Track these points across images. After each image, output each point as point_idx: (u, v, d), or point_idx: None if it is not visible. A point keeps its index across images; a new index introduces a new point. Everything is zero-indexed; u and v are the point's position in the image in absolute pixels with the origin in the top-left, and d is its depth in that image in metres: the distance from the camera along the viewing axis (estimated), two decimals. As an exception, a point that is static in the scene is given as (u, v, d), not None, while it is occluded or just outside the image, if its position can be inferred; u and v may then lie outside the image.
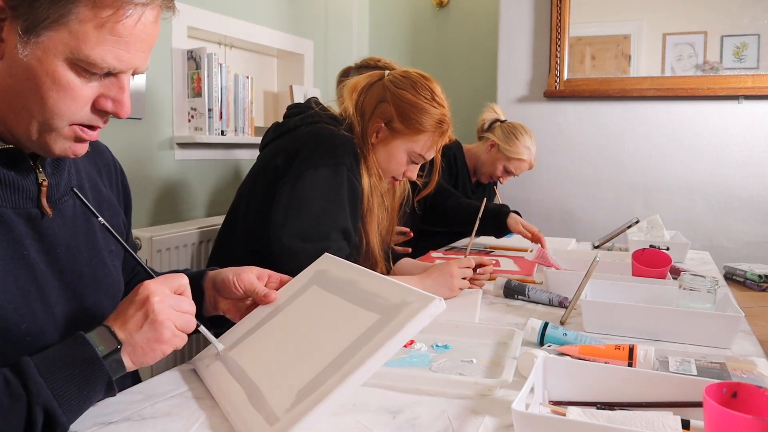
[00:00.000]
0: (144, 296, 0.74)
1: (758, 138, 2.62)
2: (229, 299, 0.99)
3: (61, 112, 0.72)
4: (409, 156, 1.42)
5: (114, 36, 0.70)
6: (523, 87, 2.93)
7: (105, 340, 0.71)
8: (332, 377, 0.69)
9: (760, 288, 1.71)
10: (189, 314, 0.77)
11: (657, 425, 0.69)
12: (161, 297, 0.74)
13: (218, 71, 2.26)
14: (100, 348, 0.70)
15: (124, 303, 0.75)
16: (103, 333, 0.72)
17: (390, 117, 1.38)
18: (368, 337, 0.72)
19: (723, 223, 2.69)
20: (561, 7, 2.77)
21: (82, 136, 0.75)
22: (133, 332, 0.72)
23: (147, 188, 2.12)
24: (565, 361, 0.82)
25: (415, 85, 1.39)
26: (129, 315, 0.73)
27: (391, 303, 0.76)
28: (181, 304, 0.76)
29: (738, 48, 2.61)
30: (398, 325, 0.71)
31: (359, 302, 0.80)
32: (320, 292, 0.90)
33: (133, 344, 0.72)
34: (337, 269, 0.94)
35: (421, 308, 0.71)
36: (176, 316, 0.75)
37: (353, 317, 0.78)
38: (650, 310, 1.10)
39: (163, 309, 0.73)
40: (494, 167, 2.35)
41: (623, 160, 2.82)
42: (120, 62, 0.72)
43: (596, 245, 2.09)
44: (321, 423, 0.74)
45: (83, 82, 0.71)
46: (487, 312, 1.27)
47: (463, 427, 0.74)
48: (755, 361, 0.91)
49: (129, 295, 0.76)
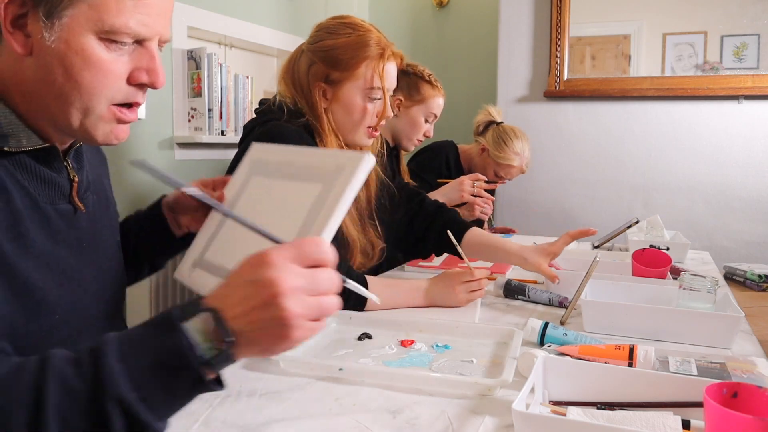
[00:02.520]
0: (268, 279, 0.56)
1: (758, 138, 2.62)
2: (187, 214, 1.02)
3: (97, 91, 0.71)
4: (364, 96, 1.34)
5: (133, 1, 0.70)
6: (523, 87, 2.93)
7: (211, 334, 0.55)
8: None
9: (760, 288, 1.71)
10: (328, 294, 0.60)
11: (657, 425, 0.69)
12: (293, 283, 0.56)
13: (218, 71, 2.26)
14: (203, 346, 0.55)
15: (239, 280, 0.58)
16: (208, 322, 0.56)
17: (324, 73, 1.34)
18: (319, 206, 0.77)
19: (723, 223, 2.69)
20: (561, 7, 2.77)
21: (121, 117, 0.75)
22: (254, 327, 0.56)
23: (147, 188, 2.12)
24: (565, 361, 0.82)
25: (331, 29, 1.35)
26: (248, 301, 0.56)
27: (328, 170, 0.81)
28: (317, 285, 0.59)
29: (738, 48, 2.61)
30: (340, 189, 0.76)
31: (299, 177, 0.85)
32: (263, 180, 0.93)
33: (250, 340, 0.57)
34: (270, 154, 0.98)
35: (356, 167, 0.77)
36: (311, 309, 0.58)
37: (299, 192, 0.83)
38: (650, 310, 1.10)
39: (295, 302, 0.56)
40: (485, 171, 2.34)
41: (623, 160, 2.82)
42: (144, 27, 0.71)
43: (596, 245, 2.09)
44: (321, 422, 0.74)
45: (114, 55, 0.71)
46: (487, 312, 1.27)
47: (463, 427, 0.74)
48: (755, 361, 0.91)
49: (247, 265, 0.59)
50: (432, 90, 1.99)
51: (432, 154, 2.30)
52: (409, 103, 1.98)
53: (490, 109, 2.44)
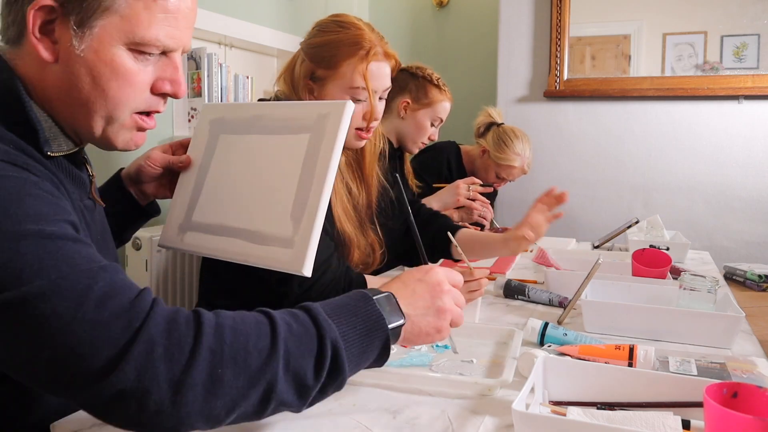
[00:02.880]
0: (435, 281, 0.75)
1: (758, 138, 2.62)
2: (152, 182, 1.04)
3: (123, 101, 0.73)
4: (349, 96, 1.29)
5: (163, 14, 0.71)
6: (523, 87, 2.93)
7: (393, 310, 0.70)
8: (310, 193, 0.79)
9: (760, 288, 1.71)
10: (461, 309, 0.78)
11: (657, 425, 0.69)
12: (449, 287, 0.76)
13: (218, 71, 2.26)
14: (387, 318, 0.69)
15: (412, 279, 0.76)
16: (391, 302, 0.71)
17: (311, 70, 1.31)
18: (314, 153, 0.81)
19: (723, 223, 2.69)
20: (561, 7, 2.77)
21: (142, 125, 0.77)
22: (419, 312, 0.73)
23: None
24: (565, 361, 0.82)
25: (322, 26, 1.34)
26: (419, 293, 0.74)
27: (311, 119, 0.84)
28: (459, 299, 0.78)
29: (738, 48, 2.61)
30: (332, 135, 0.81)
31: (281, 131, 0.87)
32: (234, 138, 0.94)
33: (415, 323, 0.72)
34: (230, 112, 0.98)
35: (341, 114, 0.82)
36: (455, 310, 0.76)
37: (285, 144, 0.86)
38: (650, 310, 1.10)
39: (450, 300, 0.75)
40: (487, 173, 2.34)
41: (623, 160, 2.81)
42: (172, 40, 0.73)
43: (596, 245, 2.09)
44: (321, 423, 0.74)
45: (140, 66, 0.73)
46: (487, 312, 1.27)
47: (463, 427, 0.74)
48: (755, 361, 0.91)
49: (416, 272, 0.77)
50: (440, 94, 1.98)
51: (434, 155, 2.30)
52: (416, 106, 1.96)
53: (489, 110, 2.43)
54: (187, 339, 0.57)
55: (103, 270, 0.60)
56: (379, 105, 1.35)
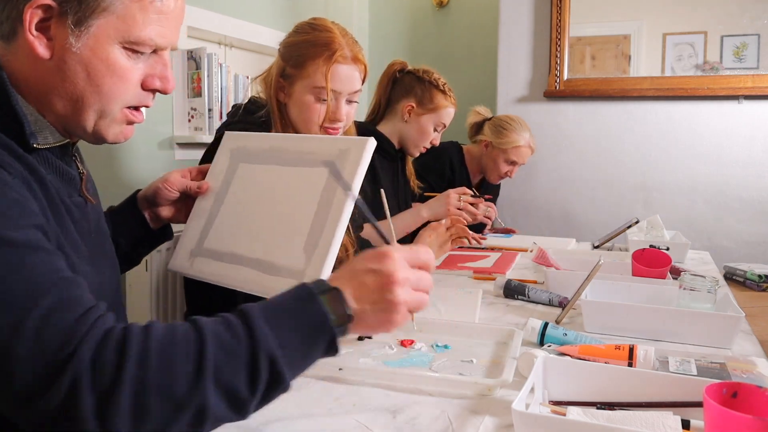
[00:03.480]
0: (388, 270, 0.68)
1: (758, 138, 2.62)
2: (168, 205, 1.05)
3: (115, 96, 0.76)
4: (313, 95, 1.32)
5: (157, 14, 0.75)
6: (523, 87, 2.93)
7: (337, 309, 0.66)
8: (325, 227, 0.78)
9: (760, 288, 1.71)
10: (425, 292, 0.72)
11: (657, 425, 0.69)
12: (405, 276, 0.69)
13: (218, 71, 2.26)
14: (331, 317, 0.65)
15: (362, 268, 0.70)
16: (336, 299, 0.66)
17: (282, 68, 1.37)
18: (332, 188, 0.81)
19: (723, 223, 2.69)
20: (561, 7, 2.77)
21: (132, 119, 0.80)
22: (367, 308, 0.68)
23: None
24: (565, 361, 0.82)
25: (297, 27, 1.39)
26: (367, 285, 0.68)
27: (332, 154, 0.84)
28: (420, 282, 0.71)
29: (738, 48, 2.61)
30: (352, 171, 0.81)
31: (299, 163, 0.87)
32: (253, 167, 0.94)
33: (363, 319, 0.68)
34: (251, 142, 0.99)
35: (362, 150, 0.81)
36: (413, 299, 0.70)
37: (304, 176, 0.86)
38: (650, 310, 1.10)
39: (404, 292, 0.68)
40: (496, 164, 2.35)
41: (623, 160, 2.81)
42: (163, 39, 0.76)
43: (596, 245, 2.09)
44: (321, 422, 0.74)
45: (133, 63, 0.76)
46: (487, 312, 1.27)
47: (463, 427, 0.74)
48: (755, 361, 0.91)
49: (367, 258, 0.71)
50: (445, 100, 1.97)
51: (436, 156, 2.30)
52: (420, 110, 1.96)
53: (477, 109, 2.47)
54: (111, 368, 0.56)
55: (58, 283, 0.60)
56: (348, 108, 1.37)
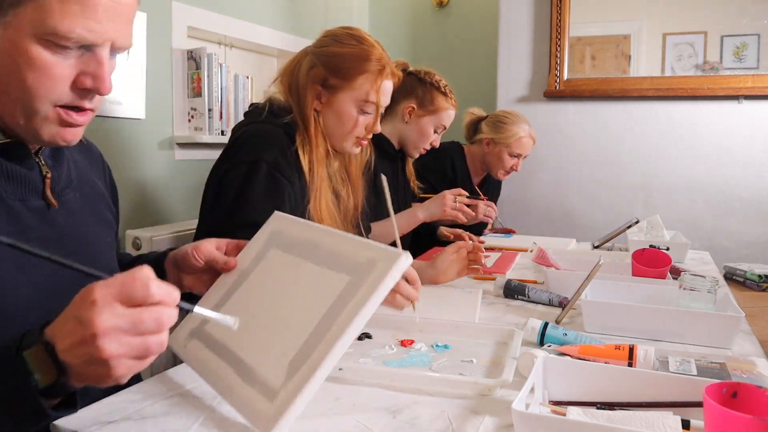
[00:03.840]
0: (88, 319, 0.56)
1: (758, 138, 2.62)
2: (192, 274, 0.97)
3: (40, 93, 0.70)
4: (357, 107, 1.38)
5: (79, 5, 0.67)
6: (523, 87, 2.93)
7: (43, 366, 0.57)
8: (319, 346, 0.69)
9: (760, 288, 1.71)
10: (153, 333, 0.58)
11: (657, 425, 0.69)
12: (112, 324, 0.56)
13: (218, 71, 2.26)
14: (36, 376, 0.57)
15: (68, 313, 0.59)
16: (41, 356, 0.57)
17: (323, 77, 1.37)
18: (345, 301, 0.72)
19: (723, 223, 2.69)
20: (561, 8, 2.77)
21: (65, 119, 0.73)
22: (79, 362, 0.57)
23: (147, 188, 2.12)
24: (565, 361, 0.82)
25: (338, 37, 1.39)
26: (73, 341, 0.57)
27: (358, 262, 0.75)
28: (139, 325, 0.57)
29: (738, 48, 2.61)
30: (372, 287, 0.71)
31: (325, 263, 0.80)
32: (282, 256, 0.89)
33: (78, 373, 0.58)
34: (292, 229, 0.93)
35: (390, 266, 0.71)
36: (131, 348, 0.57)
37: (322, 280, 0.78)
38: (650, 310, 1.10)
39: (111, 343, 0.56)
40: (501, 160, 2.35)
41: (623, 160, 2.82)
42: (90, 33, 0.69)
43: (596, 245, 2.09)
44: (321, 422, 0.74)
45: (59, 58, 0.69)
46: (487, 312, 1.27)
47: (463, 427, 0.74)
48: (755, 361, 0.91)
49: (74, 303, 0.59)
50: (446, 102, 1.98)
51: (436, 156, 2.30)
52: (421, 112, 1.96)
53: (471, 110, 2.49)
54: None
55: None
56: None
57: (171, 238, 1.96)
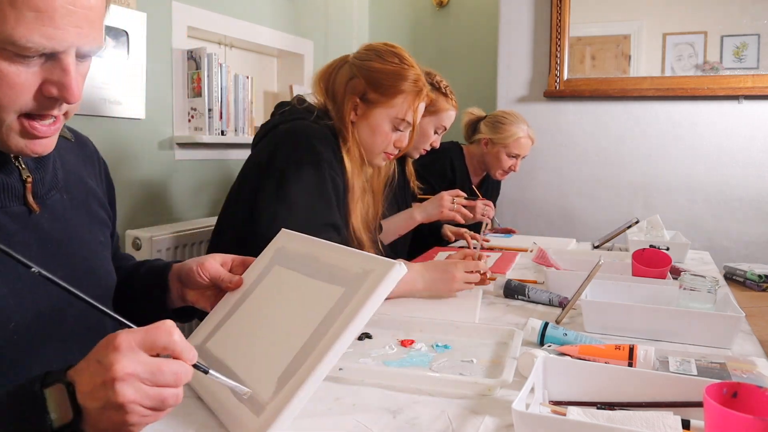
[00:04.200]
0: (108, 363, 0.57)
1: (758, 138, 2.62)
2: (196, 289, 0.95)
3: (3, 103, 0.66)
4: (392, 124, 1.42)
5: (33, 11, 0.62)
6: (523, 87, 2.93)
7: (61, 406, 0.58)
8: (308, 359, 0.69)
9: (760, 288, 1.71)
10: (170, 387, 0.60)
11: (657, 425, 0.69)
12: (131, 370, 0.57)
13: (218, 71, 2.26)
14: (52, 416, 0.58)
15: (91, 361, 0.60)
16: (61, 395, 0.58)
17: (363, 90, 1.40)
18: (336, 313, 0.71)
19: (723, 223, 2.69)
20: (561, 7, 2.77)
21: (29, 130, 0.69)
22: (95, 406, 0.58)
23: (147, 188, 2.12)
24: (565, 361, 0.82)
25: (380, 53, 1.42)
26: (93, 384, 0.58)
27: (354, 273, 0.75)
28: (158, 376, 0.59)
29: (738, 48, 2.61)
30: (364, 297, 0.70)
31: (322, 277, 0.80)
32: (283, 272, 0.89)
33: (93, 418, 0.59)
34: (295, 244, 0.93)
35: (383, 276, 0.71)
36: (147, 398, 0.58)
37: (318, 293, 0.77)
38: (650, 310, 1.10)
39: (129, 389, 0.57)
40: (499, 160, 2.35)
41: (623, 160, 2.82)
42: (49, 40, 0.64)
43: (596, 245, 2.09)
44: (321, 422, 0.74)
45: (20, 68, 0.65)
46: (487, 312, 1.27)
47: (463, 427, 0.74)
48: (755, 361, 0.91)
49: (99, 347, 0.60)
50: (446, 103, 1.98)
51: (436, 156, 2.30)
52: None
53: (470, 110, 2.49)
54: None
55: None
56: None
57: (171, 238, 1.96)
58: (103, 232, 0.94)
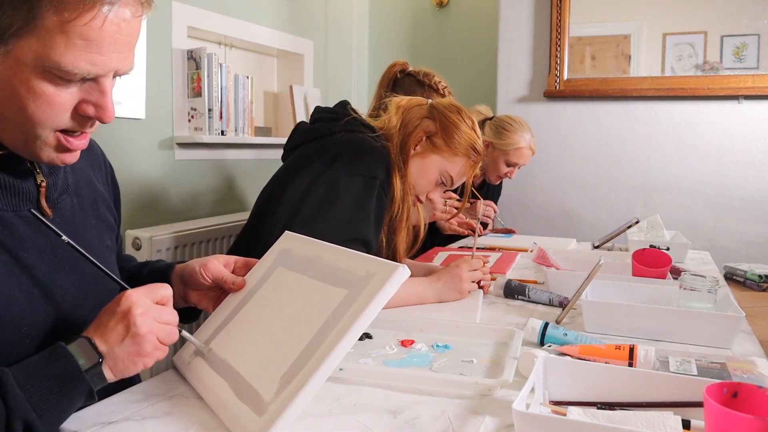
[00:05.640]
0: (126, 308, 0.71)
1: (758, 138, 2.62)
2: (199, 290, 0.96)
3: (41, 121, 0.70)
4: (440, 175, 1.44)
5: (83, 40, 0.66)
6: (523, 87, 2.93)
7: (86, 353, 0.69)
8: (310, 360, 0.69)
9: (760, 288, 1.71)
10: (171, 325, 0.75)
11: (657, 425, 0.69)
12: (143, 309, 0.72)
13: (218, 71, 2.26)
14: (81, 362, 0.69)
15: (105, 313, 0.73)
16: (84, 345, 0.70)
17: (433, 131, 1.42)
18: (340, 314, 0.72)
19: (723, 223, 2.69)
20: (561, 7, 2.78)
21: (64, 144, 0.73)
22: (114, 345, 0.70)
23: (147, 188, 2.12)
24: (566, 361, 0.82)
25: (460, 111, 1.45)
26: (110, 327, 0.71)
27: (357, 276, 0.76)
28: (163, 315, 0.74)
29: (738, 48, 2.61)
30: (366, 299, 0.71)
31: (326, 279, 0.81)
32: (286, 273, 0.89)
33: (115, 357, 0.71)
34: (300, 246, 0.93)
35: (387, 278, 0.72)
36: (158, 329, 0.73)
37: (322, 295, 0.78)
38: (650, 310, 1.10)
39: (145, 322, 0.71)
40: (497, 165, 2.34)
41: (623, 160, 2.82)
42: (94, 66, 0.68)
43: (596, 245, 2.09)
44: (321, 423, 0.75)
45: (61, 89, 0.69)
46: (488, 312, 1.27)
47: (463, 427, 0.74)
48: (755, 361, 0.91)
49: (110, 305, 0.73)
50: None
51: None
52: None
53: (478, 108, 2.45)
54: None
55: None
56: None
57: (171, 238, 1.96)
58: (110, 236, 0.95)
